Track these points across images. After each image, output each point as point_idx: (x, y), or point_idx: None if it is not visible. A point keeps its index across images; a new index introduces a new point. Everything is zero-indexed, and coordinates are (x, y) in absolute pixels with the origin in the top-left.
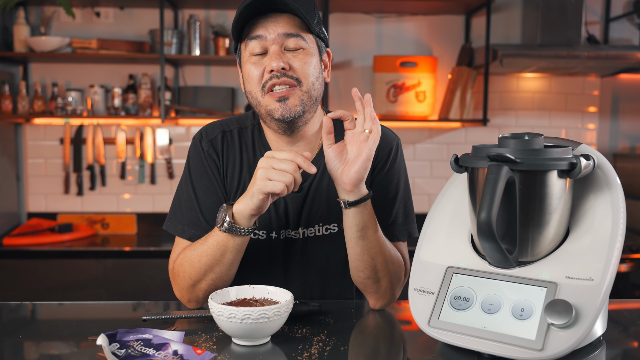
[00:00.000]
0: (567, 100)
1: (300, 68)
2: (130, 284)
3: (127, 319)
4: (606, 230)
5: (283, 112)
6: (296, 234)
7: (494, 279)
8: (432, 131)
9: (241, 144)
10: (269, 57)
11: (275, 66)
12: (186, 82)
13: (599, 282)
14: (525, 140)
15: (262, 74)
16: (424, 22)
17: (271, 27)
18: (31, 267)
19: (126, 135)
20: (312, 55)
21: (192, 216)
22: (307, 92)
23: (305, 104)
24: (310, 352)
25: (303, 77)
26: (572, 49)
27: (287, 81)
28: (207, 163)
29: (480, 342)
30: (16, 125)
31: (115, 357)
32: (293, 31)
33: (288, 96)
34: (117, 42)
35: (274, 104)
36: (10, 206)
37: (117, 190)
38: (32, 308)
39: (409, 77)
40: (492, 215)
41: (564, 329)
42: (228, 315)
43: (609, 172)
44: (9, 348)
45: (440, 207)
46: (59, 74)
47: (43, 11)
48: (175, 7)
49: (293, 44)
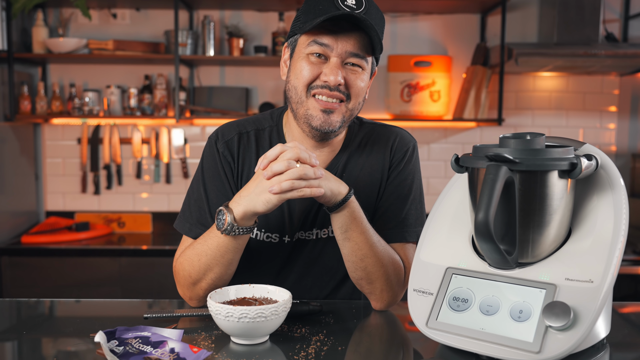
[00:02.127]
0: (585, 99)
1: (355, 85)
2: (145, 282)
3: (135, 317)
4: (608, 231)
5: (323, 123)
6: (309, 235)
7: (494, 280)
8: (446, 131)
9: (258, 147)
10: (329, 68)
11: (332, 80)
12: (201, 82)
13: (599, 284)
14: (525, 140)
15: (315, 77)
16: (438, 21)
17: (341, 41)
18: (49, 264)
19: (142, 135)
20: (366, 77)
21: (201, 216)
22: (352, 110)
23: (345, 121)
24: (307, 352)
25: (354, 95)
26: (589, 48)
27: (337, 95)
28: (221, 164)
29: (478, 343)
30: (35, 126)
31: (113, 354)
32: (360, 52)
33: (333, 110)
34: (133, 43)
35: (316, 111)
36: (29, 205)
37: (133, 190)
38: (50, 305)
39: (423, 76)
40: (489, 216)
41: (562, 331)
42: (225, 314)
43: (613, 172)
44: (27, 344)
45: (442, 207)
46: (77, 75)
47: (61, 13)
48: (190, 8)
49: (356, 61)
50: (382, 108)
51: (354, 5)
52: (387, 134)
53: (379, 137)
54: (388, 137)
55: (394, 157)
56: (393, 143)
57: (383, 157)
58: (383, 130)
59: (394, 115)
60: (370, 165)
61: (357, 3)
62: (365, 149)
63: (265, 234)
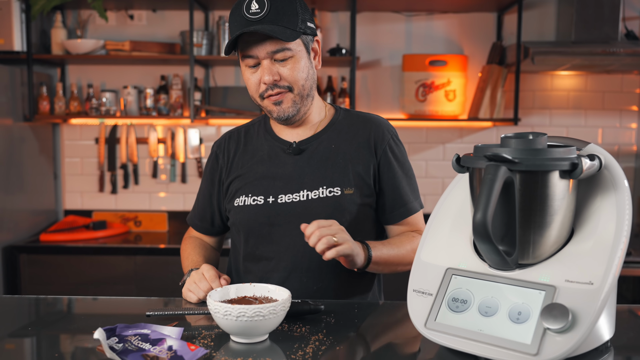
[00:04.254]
0: (604, 98)
1: (290, 76)
2: (159, 281)
3: (141, 315)
4: (609, 233)
5: (279, 113)
6: (297, 196)
7: (493, 281)
8: (462, 131)
9: (247, 136)
10: (262, 70)
11: (267, 79)
12: (216, 82)
13: (599, 287)
14: (526, 140)
15: (258, 83)
16: (454, 20)
17: (260, 50)
18: (66, 262)
19: (158, 135)
20: (300, 59)
21: (195, 206)
22: (299, 94)
23: (298, 104)
24: (305, 351)
25: (294, 83)
26: (608, 46)
27: (279, 91)
28: (211, 164)
29: (476, 345)
30: (54, 126)
31: (112, 351)
32: (279, 47)
33: (282, 100)
34: (149, 44)
35: (271, 106)
36: (48, 203)
37: (150, 189)
38: (67, 302)
39: (438, 75)
40: (487, 216)
41: (561, 333)
42: (224, 313)
43: (617, 173)
44: (45, 340)
45: (444, 207)
46: (95, 76)
47: (79, 15)
48: (205, 9)
49: (281, 56)
50: (396, 107)
51: (258, 10)
52: (370, 120)
53: (364, 122)
54: (371, 124)
55: (378, 143)
56: (376, 131)
57: (368, 139)
58: (367, 116)
59: (408, 115)
60: (357, 142)
61: (260, 6)
62: (351, 129)
63: (252, 198)
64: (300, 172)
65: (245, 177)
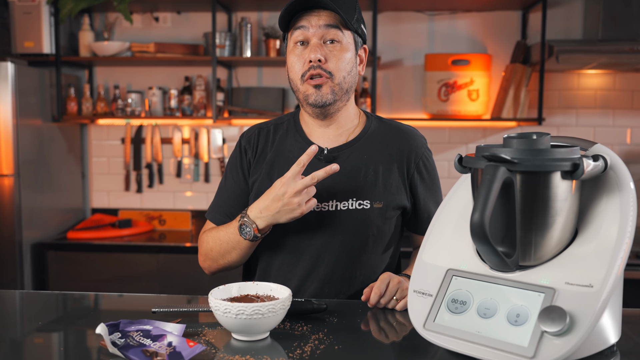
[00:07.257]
0: (633, 97)
1: (335, 63)
2: (182, 279)
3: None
4: (612, 235)
5: (316, 97)
6: (325, 206)
7: (493, 282)
8: (486, 130)
9: (275, 134)
10: (309, 48)
11: (313, 57)
12: (239, 83)
13: (599, 289)
14: (528, 140)
15: (302, 65)
16: (478, 18)
17: (314, 19)
18: (92, 259)
19: (182, 135)
20: (347, 51)
21: (218, 200)
22: (339, 85)
23: (337, 94)
24: (304, 350)
25: (336, 71)
26: (635, 44)
27: (321, 73)
28: (239, 157)
29: (473, 347)
30: (81, 126)
31: (114, 346)
32: (333, 22)
33: (322, 84)
34: (173, 46)
35: (310, 89)
36: (76, 202)
37: (174, 188)
38: (94, 298)
39: (461, 75)
40: (485, 217)
41: (558, 336)
42: (223, 310)
43: (622, 174)
44: (72, 335)
45: (448, 208)
46: (121, 77)
47: (106, 17)
48: (228, 11)
49: (332, 35)
50: (419, 107)
51: None
52: (403, 131)
53: (397, 133)
54: (404, 136)
55: (411, 157)
56: (410, 144)
57: (401, 152)
58: (400, 127)
59: (431, 115)
60: (390, 154)
61: None
62: (384, 139)
63: None
64: (331, 182)
65: (274, 178)
